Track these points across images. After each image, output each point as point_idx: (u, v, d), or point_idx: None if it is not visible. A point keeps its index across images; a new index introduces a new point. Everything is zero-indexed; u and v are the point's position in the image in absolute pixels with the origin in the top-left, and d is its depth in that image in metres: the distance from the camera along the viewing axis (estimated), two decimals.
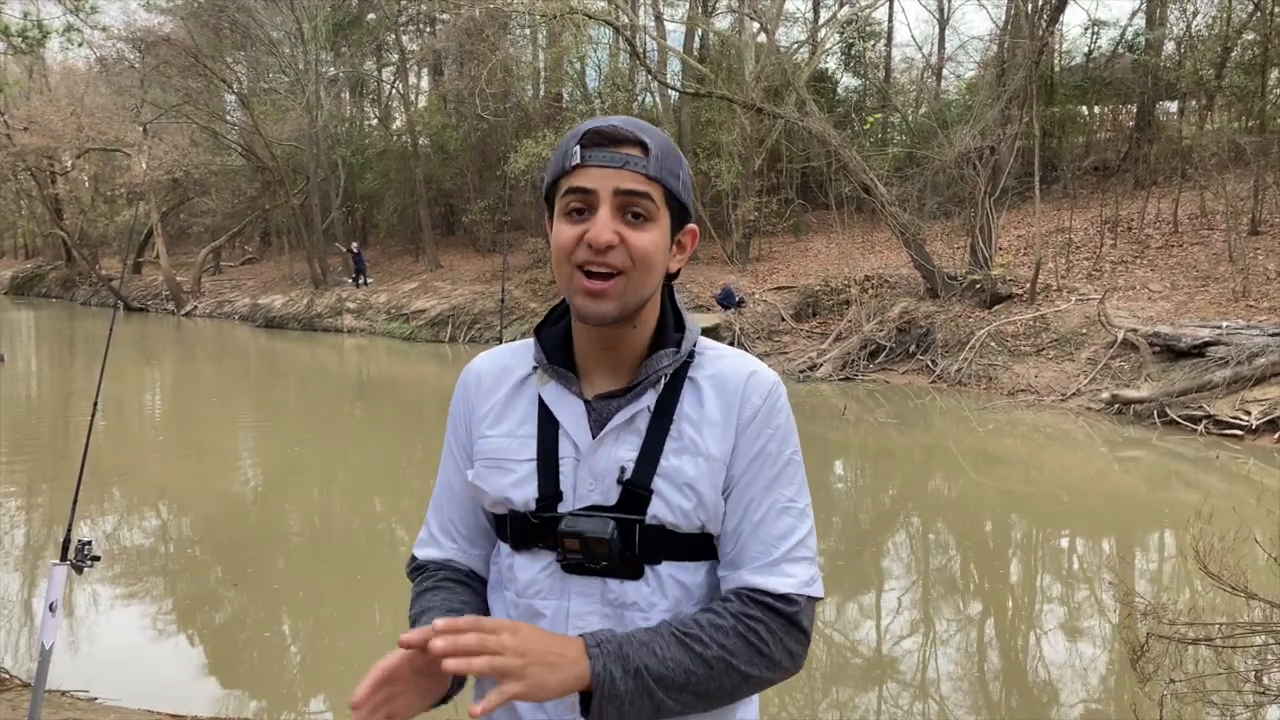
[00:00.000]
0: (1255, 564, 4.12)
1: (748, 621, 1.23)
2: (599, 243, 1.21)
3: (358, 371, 20.00)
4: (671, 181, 1.26)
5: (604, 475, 1.27)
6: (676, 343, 1.32)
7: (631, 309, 1.26)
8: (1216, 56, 19.77)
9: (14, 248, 56.47)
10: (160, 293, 33.34)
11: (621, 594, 1.26)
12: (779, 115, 18.21)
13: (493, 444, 1.34)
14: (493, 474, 1.32)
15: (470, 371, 1.42)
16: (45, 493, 8.99)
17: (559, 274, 1.27)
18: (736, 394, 1.30)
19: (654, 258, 1.25)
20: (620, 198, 1.22)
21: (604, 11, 19.67)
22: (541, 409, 1.32)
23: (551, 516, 1.27)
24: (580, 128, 1.26)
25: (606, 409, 1.29)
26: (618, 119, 1.27)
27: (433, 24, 30.91)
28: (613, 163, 1.22)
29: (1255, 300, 12.90)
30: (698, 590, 1.30)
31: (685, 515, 1.26)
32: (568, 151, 1.25)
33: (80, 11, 15.07)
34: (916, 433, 11.87)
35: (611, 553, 1.24)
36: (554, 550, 1.28)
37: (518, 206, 27.08)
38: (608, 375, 1.32)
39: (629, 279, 1.24)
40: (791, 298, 17.99)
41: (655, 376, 1.29)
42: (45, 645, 2.85)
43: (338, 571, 6.89)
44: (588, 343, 1.32)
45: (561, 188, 1.26)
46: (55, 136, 30.41)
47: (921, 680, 5.18)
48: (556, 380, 1.32)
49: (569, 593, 1.28)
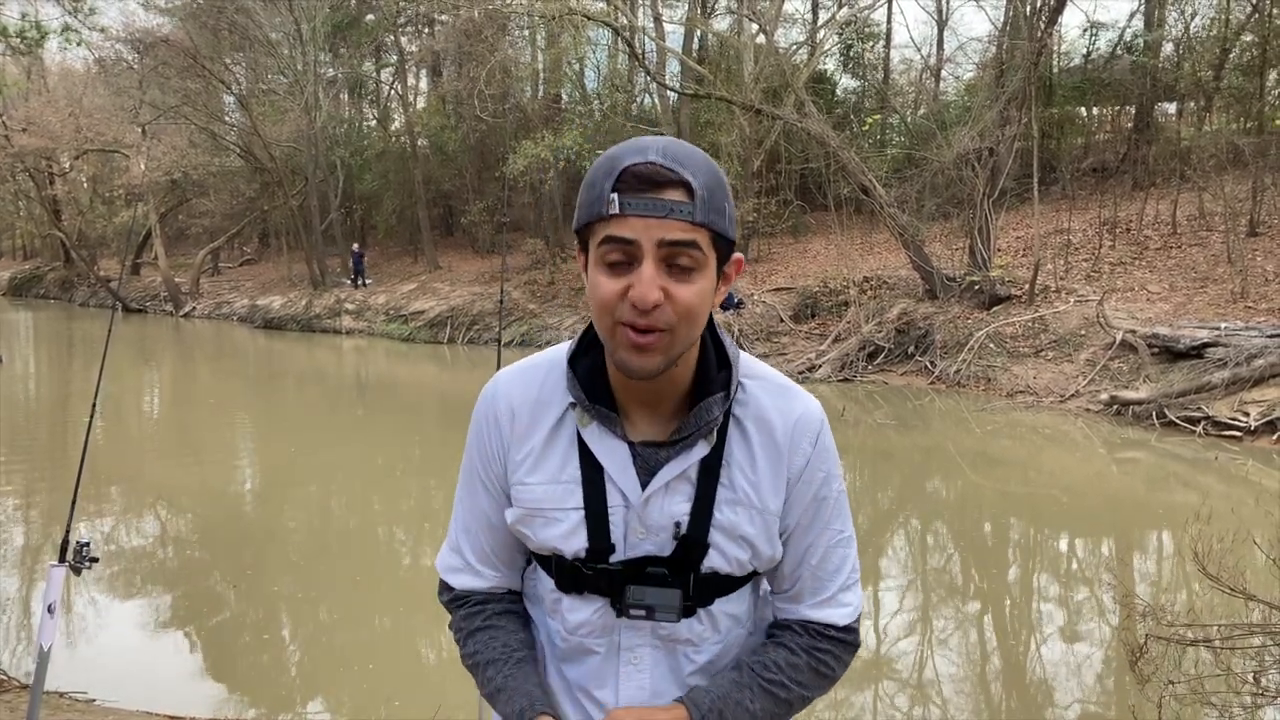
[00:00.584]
0: (1254, 565, 4.12)
1: (818, 655, 1.32)
2: (645, 304, 1.12)
3: (356, 373, 19.99)
4: (719, 222, 1.16)
5: (658, 529, 1.26)
6: (724, 383, 1.27)
7: (675, 359, 1.20)
8: (1215, 58, 19.79)
9: (12, 249, 56.40)
10: (158, 294, 33.32)
11: (674, 631, 1.29)
12: (778, 116, 18.20)
13: (536, 493, 1.29)
14: (538, 524, 1.29)
15: (500, 400, 1.32)
16: (43, 494, 8.98)
17: (599, 325, 1.19)
18: (785, 444, 1.29)
19: (699, 311, 1.17)
20: (665, 249, 1.13)
21: (603, 13, 19.68)
22: (583, 453, 1.27)
23: (604, 568, 1.27)
24: (614, 163, 1.14)
25: (654, 457, 1.26)
26: (654, 149, 1.14)
27: (431, 25, 30.88)
28: (656, 212, 1.12)
29: (1254, 301, 12.91)
30: (745, 616, 1.35)
31: (741, 565, 1.29)
32: (603, 196, 1.14)
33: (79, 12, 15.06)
34: (915, 434, 11.87)
35: (679, 614, 1.27)
36: (604, 595, 1.28)
37: (517, 208, 27.08)
38: (649, 414, 1.28)
39: (675, 334, 1.16)
40: (790, 299, 17.99)
41: (707, 428, 1.25)
42: (43, 646, 2.84)
43: (337, 573, 6.89)
44: (626, 385, 1.26)
45: (598, 234, 1.16)
46: (53, 137, 30.39)
47: (920, 681, 5.18)
48: (598, 421, 1.26)
49: (619, 629, 1.30)
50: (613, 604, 1.27)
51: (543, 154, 20.94)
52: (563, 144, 21.25)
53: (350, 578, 6.78)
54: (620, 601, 1.26)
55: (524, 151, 20.76)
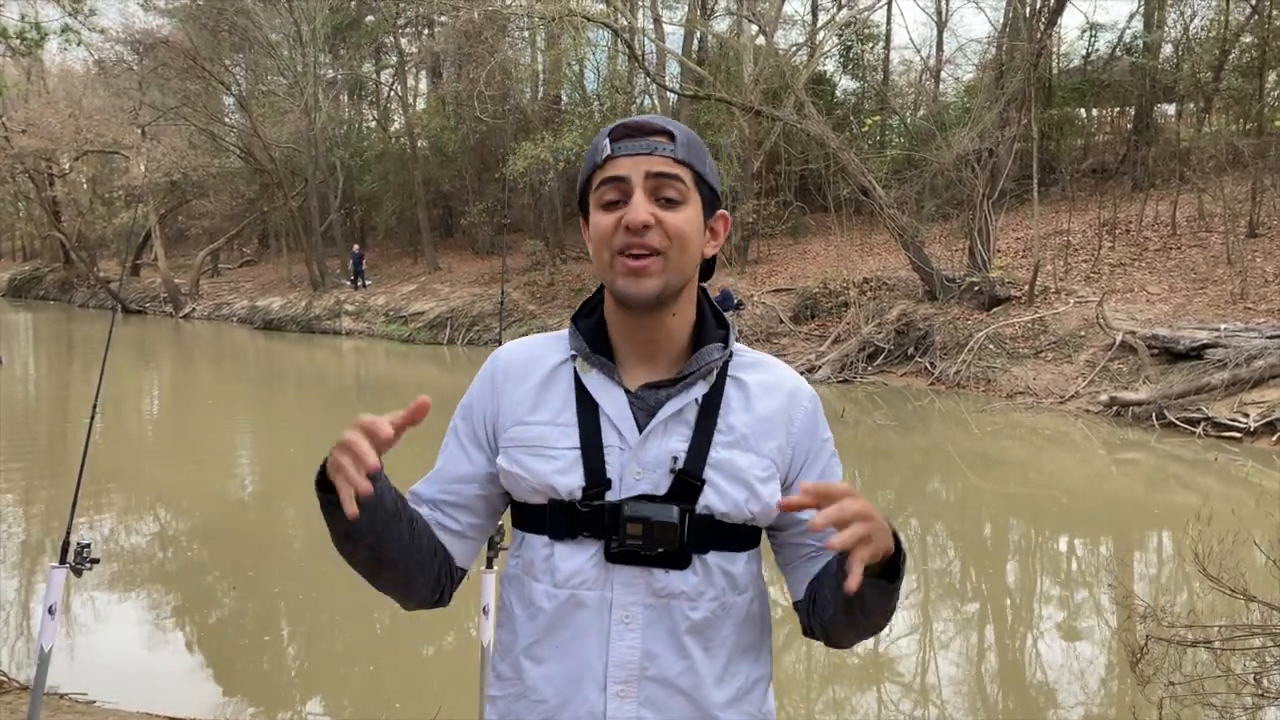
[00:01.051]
0: (1254, 566, 4.12)
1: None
2: (636, 223, 1.23)
3: (356, 374, 19.99)
4: (700, 165, 1.29)
5: (654, 465, 1.27)
6: (722, 338, 1.35)
7: (674, 288, 1.28)
8: (1214, 59, 19.81)
9: (12, 250, 56.42)
10: (158, 295, 33.33)
11: (668, 584, 1.26)
12: (777, 117, 18.21)
13: (533, 431, 1.32)
14: (533, 460, 1.30)
15: (497, 360, 1.40)
16: (44, 495, 8.98)
17: (598, 262, 1.30)
18: (783, 399, 1.35)
19: (690, 236, 1.27)
20: (652, 181, 1.25)
21: (602, 14, 19.69)
22: (581, 396, 1.31)
23: (600, 505, 1.26)
24: (609, 127, 1.31)
25: (654, 398, 1.30)
26: (644, 116, 1.32)
27: (431, 26, 30.90)
28: (642, 150, 1.26)
29: (1253, 302, 12.92)
30: (742, 580, 1.31)
31: (737, 506, 1.28)
32: (598, 147, 1.29)
33: (78, 14, 15.07)
34: (915, 435, 11.87)
35: (676, 538, 1.25)
36: (600, 539, 1.27)
37: (516, 209, 27.09)
38: (646, 366, 1.33)
39: (668, 258, 1.26)
40: (790, 300, 18.00)
41: (706, 369, 1.31)
42: (44, 648, 2.84)
43: (336, 574, 6.85)
44: (626, 333, 1.33)
45: (595, 182, 1.29)
46: (53, 139, 30.41)
47: (920, 682, 5.18)
48: (598, 369, 1.32)
49: (612, 583, 1.27)
50: (607, 549, 1.26)
51: (542, 155, 20.95)
52: (562, 145, 21.26)
53: (350, 578, 6.76)
54: (618, 532, 1.25)
55: (524, 153, 20.77)
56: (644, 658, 1.26)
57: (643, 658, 1.26)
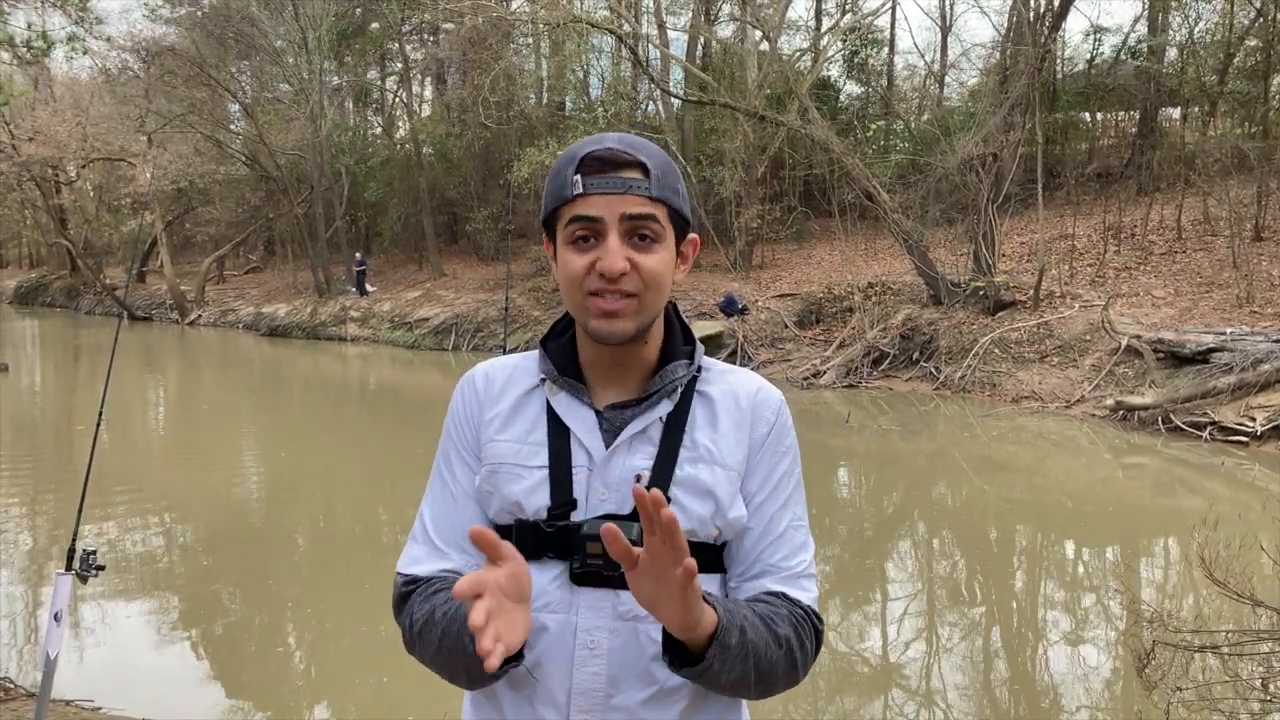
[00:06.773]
0: (1261, 571, 4.10)
1: (795, 615, 1.26)
2: (613, 272, 1.21)
3: (361, 380, 20.02)
4: (673, 199, 1.27)
5: (618, 484, 1.26)
6: (688, 355, 1.34)
7: (646, 326, 1.28)
8: (1219, 62, 19.80)
9: (18, 257, 56.66)
10: (164, 302, 33.42)
11: (634, 606, 1.21)
12: (781, 123, 18.22)
13: (502, 449, 1.31)
14: (502, 479, 1.30)
15: (474, 375, 1.39)
16: (49, 502, 9.00)
17: (569, 301, 1.28)
18: (748, 408, 1.33)
19: (663, 278, 1.27)
20: (627, 223, 1.23)
21: (607, 20, 19.73)
22: (551, 418, 1.31)
23: (565, 525, 1.25)
24: (574, 152, 1.26)
25: (620, 418, 1.30)
26: (611, 138, 1.26)
27: (436, 33, 31.02)
28: (615, 188, 1.22)
29: (1259, 306, 12.89)
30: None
31: (703, 522, 1.27)
32: (566, 180, 1.24)
33: (84, 22, 15.14)
34: (920, 440, 11.85)
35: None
36: (564, 560, 1.25)
37: (521, 215, 27.12)
38: (617, 388, 1.33)
39: (642, 300, 1.25)
40: (794, 305, 17.99)
41: (670, 386, 1.31)
42: (50, 655, 2.85)
43: (344, 581, 6.89)
44: (596, 357, 1.33)
45: (564, 216, 1.25)
46: (60, 146, 30.50)
47: (926, 688, 5.17)
48: (567, 391, 1.32)
49: (577, 606, 1.24)
50: (571, 570, 1.24)
51: (547, 161, 20.94)
52: None
53: (358, 584, 6.78)
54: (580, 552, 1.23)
55: (528, 158, 20.81)
56: (609, 684, 1.24)
57: (607, 684, 1.24)
